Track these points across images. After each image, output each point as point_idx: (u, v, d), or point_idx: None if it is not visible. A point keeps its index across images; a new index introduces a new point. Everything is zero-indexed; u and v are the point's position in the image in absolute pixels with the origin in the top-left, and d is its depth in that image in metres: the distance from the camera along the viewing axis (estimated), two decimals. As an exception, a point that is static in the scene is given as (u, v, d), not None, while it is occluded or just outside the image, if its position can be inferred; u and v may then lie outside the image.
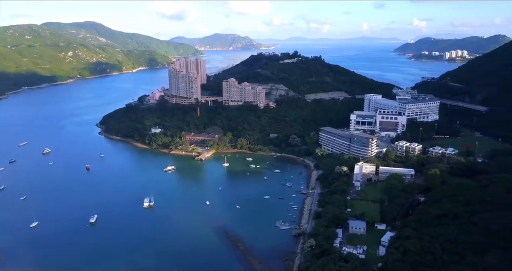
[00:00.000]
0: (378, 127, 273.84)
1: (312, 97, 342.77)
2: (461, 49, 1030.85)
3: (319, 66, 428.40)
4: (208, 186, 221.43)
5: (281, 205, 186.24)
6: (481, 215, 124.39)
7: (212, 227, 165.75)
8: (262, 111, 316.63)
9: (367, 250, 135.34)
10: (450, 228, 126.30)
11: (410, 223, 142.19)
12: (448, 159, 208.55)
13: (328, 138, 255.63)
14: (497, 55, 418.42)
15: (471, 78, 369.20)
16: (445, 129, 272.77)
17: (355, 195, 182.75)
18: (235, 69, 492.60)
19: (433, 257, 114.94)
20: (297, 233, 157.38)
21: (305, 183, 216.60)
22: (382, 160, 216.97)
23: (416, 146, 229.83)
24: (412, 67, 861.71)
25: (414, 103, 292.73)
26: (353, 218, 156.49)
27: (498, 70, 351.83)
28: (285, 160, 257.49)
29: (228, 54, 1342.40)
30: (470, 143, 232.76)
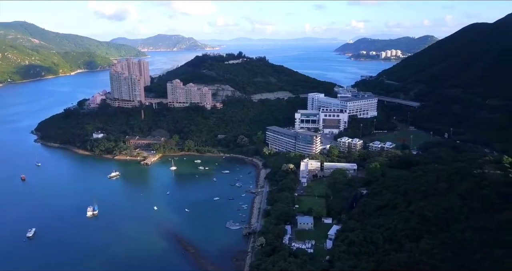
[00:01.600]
0: (321, 125, 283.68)
1: (258, 98, 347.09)
2: (396, 49, 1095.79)
3: (264, 66, 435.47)
4: (155, 190, 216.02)
5: (231, 206, 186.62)
6: (417, 203, 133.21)
7: (161, 233, 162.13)
8: (209, 112, 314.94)
9: (315, 244, 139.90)
10: (390, 217, 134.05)
11: (354, 215, 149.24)
12: (387, 152, 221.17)
13: (275, 137, 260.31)
14: (426, 54, 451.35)
15: (404, 76, 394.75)
16: (383, 125, 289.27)
17: (302, 191, 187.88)
18: (180, 70, 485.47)
19: (375, 247, 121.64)
20: (248, 232, 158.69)
21: (254, 182, 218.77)
22: (326, 156, 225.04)
23: (357, 141, 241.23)
24: (352, 67, 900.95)
25: (355, 101, 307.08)
26: (301, 214, 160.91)
27: (427, 68, 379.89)
28: (234, 160, 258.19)
29: (172, 55, 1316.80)
30: (405, 137, 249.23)
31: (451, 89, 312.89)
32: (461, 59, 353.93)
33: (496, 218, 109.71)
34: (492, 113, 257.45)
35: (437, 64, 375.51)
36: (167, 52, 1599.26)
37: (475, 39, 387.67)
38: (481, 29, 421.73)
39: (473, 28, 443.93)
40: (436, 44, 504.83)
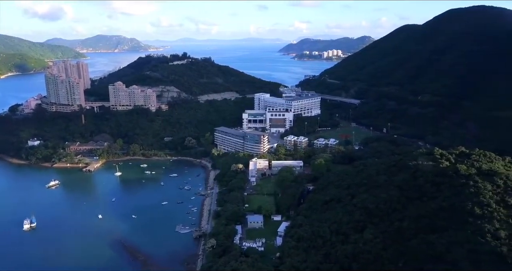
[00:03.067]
0: (268, 124, 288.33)
1: (205, 99, 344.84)
2: (336, 49, 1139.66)
3: (210, 67, 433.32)
4: (100, 198, 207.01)
5: (180, 209, 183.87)
6: (360, 196, 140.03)
7: (107, 242, 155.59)
8: (154, 115, 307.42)
9: (266, 242, 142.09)
10: (336, 211, 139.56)
11: (302, 211, 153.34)
12: (331, 149, 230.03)
13: (223, 137, 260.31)
14: (364, 54, 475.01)
15: (345, 75, 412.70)
16: (327, 122, 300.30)
17: (251, 190, 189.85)
18: (123, 72, 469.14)
19: (323, 240, 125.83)
20: (198, 235, 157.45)
21: (203, 184, 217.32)
22: (274, 155, 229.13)
23: (303, 139, 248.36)
24: (296, 66, 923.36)
25: (299, 100, 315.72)
26: (251, 213, 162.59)
27: (365, 67, 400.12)
28: (182, 163, 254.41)
29: (114, 57, 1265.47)
30: (348, 133, 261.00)
31: (387, 87, 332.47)
32: (396, 59, 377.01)
33: (430, 205, 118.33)
34: (424, 109, 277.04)
35: (374, 63, 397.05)
36: (108, 54, 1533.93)
37: (407, 39, 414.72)
38: (412, 30, 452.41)
39: (405, 29, 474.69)
40: (373, 44, 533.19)
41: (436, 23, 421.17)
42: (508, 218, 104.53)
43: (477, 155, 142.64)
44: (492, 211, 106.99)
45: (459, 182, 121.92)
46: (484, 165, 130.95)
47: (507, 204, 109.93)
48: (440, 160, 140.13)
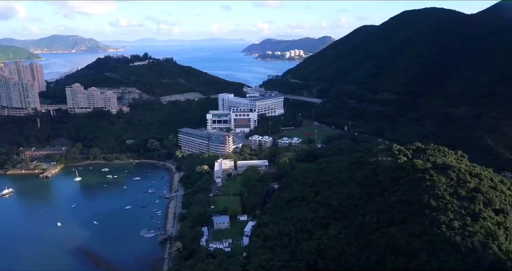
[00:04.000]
0: (233, 125, 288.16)
1: (168, 99, 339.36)
2: (298, 49, 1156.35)
3: (172, 67, 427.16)
4: (58, 205, 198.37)
5: (145, 213, 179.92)
6: (323, 193, 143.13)
7: (66, 250, 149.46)
8: (115, 117, 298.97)
9: (233, 243, 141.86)
10: (300, 209, 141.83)
11: (268, 210, 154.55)
12: (295, 147, 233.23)
13: (187, 138, 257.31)
14: (325, 53, 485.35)
15: (307, 74, 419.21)
16: (290, 122, 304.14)
17: (217, 191, 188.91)
18: (81, 74, 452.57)
19: (288, 238, 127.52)
20: (163, 238, 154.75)
21: (168, 187, 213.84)
22: (239, 155, 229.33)
23: (267, 138, 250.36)
24: (259, 66, 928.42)
25: (263, 100, 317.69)
26: (217, 214, 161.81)
27: (326, 67, 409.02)
28: (145, 166, 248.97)
29: (71, 58, 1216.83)
30: (311, 132, 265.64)
31: (347, 85, 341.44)
32: (355, 58, 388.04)
33: (390, 200, 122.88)
34: (383, 107, 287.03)
35: (334, 63, 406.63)
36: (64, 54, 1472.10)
37: (365, 39, 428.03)
38: (370, 30, 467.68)
39: (363, 29, 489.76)
40: (333, 45, 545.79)
41: (392, 23, 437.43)
42: (461, 209, 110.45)
43: (432, 150, 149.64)
44: (446, 202, 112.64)
45: (416, 176, 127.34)
46: (439, 159, 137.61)
47: (460, 195, 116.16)
48: (398, 156, 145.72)
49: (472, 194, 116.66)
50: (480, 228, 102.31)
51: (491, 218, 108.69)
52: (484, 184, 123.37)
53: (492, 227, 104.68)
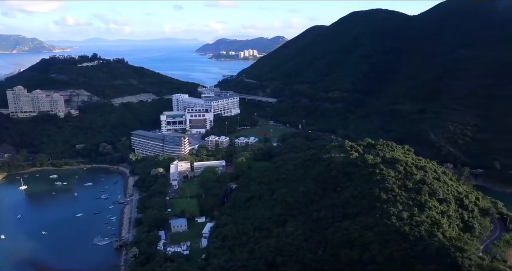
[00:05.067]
0: (188, 126, 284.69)
1: (120, 101, 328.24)
2: (252, 49, 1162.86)
3: (123, 68, 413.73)
4: (2, 216, 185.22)
5: (98, 220, 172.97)
6: (279, 191, 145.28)
7: (13, 264, 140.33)
8: (63, 121, 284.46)
9: (191, 245, 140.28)
10: (258, 207, 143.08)
11: (226, 210, 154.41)
12: (251, 146, 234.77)
13: (141, 141, 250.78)
14: (278, 53, 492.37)
15: (261, 74, 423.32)
16: (246, 121, 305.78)
17: (174, 194, 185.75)
18: (24, 76, 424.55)
19: (247, 237, 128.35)
20: (119, 245, 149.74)
21: (122, 192, 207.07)
22: (195, 156, 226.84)
23: (224, 139, 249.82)
24: (214, 67, 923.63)
25: (218, 100, 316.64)
26: (174, 217, 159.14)
27: (280, 66, 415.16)
28: (97, 171, 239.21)
29: (12, 59, 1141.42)
30: (266, 131, 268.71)
31: (300, 84, 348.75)
32: (307, 58, 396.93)
33: (343, 194, 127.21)
34: (334, 104, 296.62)
35: (287, 63, 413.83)
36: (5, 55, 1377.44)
37: (316, 39, 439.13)
38: (320, 30, 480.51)
39: (314, 29, 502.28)
40: (286, 44, 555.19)
41: (341, 24, 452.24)
42: (408, 200, 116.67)
43: (381, 145, 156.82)
44: (395, 195, 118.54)
45: (367, 171, 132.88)
46: (388, 154, 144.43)
47: (407, 187, 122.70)
48: (350, 152, 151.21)
49: (418, 186, 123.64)
50: (426, 217, 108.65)
51: (435, 207, 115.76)
52: (429, 176, 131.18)
53: (437, 215, 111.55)
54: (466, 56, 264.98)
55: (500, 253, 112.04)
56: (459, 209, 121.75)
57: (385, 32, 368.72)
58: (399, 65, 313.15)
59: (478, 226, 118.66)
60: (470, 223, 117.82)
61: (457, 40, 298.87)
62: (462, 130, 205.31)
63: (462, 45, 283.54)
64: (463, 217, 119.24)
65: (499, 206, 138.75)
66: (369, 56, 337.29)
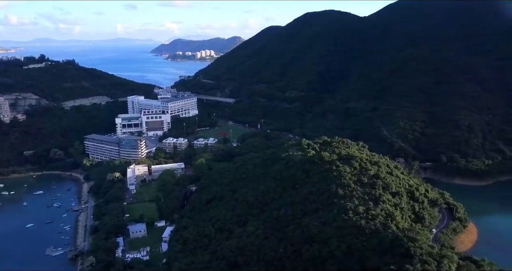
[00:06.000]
0: (145, 128, 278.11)
1: (71, 105, 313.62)
2: (209, 49, 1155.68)
3: (74, 70, 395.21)
4: None
5: (50, 230, 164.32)
6: (240, 191, 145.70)
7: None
8: (8, 126, 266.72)
9: (151, 250, 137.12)
10: (219, 208, 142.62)
11: (186, 213, 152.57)
12: (211, 147, 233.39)
13: (95, 145, 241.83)
14: (235, 54, 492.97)
15: (219, 74, 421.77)
16: (205, 122, 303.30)
17: (131, 199, 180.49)
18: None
19: (208, 239, 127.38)
20: (74, 254, 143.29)
21: (76, 199, 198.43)
22: (153, 159, 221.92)
23: (182, 140, 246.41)
24: (170, 67, 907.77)
25: (175, 101, 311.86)
26: (133, 223, 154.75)
27: (237, 67, 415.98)
28: (48, 178, 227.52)
29: None
30: (226, 131, 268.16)
31: (258, 85, 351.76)
32: (263, 58, 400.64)
33: (302, 192, 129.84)
34: (291, 104, 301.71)
35: (245, 63, 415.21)
36: None
37: (272, 39, 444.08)
38: (276, 31, 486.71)
39: (270, 30, 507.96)
40: (243, 45, 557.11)
41: (296, 24, 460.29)
42: (364, 195, 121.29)
43: (337, 142, 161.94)
44: (351, 190, 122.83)
45: (324, 168, 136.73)
46: (343, 151, 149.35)
47: (363, 182, 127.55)
48: (307, 150, 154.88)
49: (372, 181, 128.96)
50: (381, 211, 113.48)
51: (389, 200, 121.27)
52: (382, 171, 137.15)
53: (391, 208, 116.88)
54: (413, 56, 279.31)
55: (448, 240, 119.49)
56: (411, 201, 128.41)
57: (339, 33, 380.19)
58: (353, 65, 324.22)
59: (428, 216, 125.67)
60: (421, 214, 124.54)
61: (405, 40, 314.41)
62: (412, 126, 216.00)
63: (410, 45, 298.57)
64: (414, 208, 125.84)
65: (446, 196, 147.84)
66: (324, 56, 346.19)
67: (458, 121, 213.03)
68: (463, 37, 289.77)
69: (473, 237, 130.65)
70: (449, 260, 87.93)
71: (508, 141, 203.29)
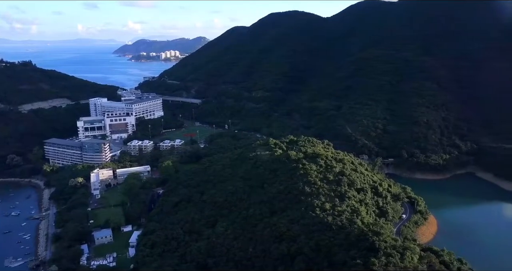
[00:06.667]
0: (108, 131, 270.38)
1: (29, 108, 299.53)
2: (174, 50, 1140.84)
3: (31, 72, 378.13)
4: None
5: (9, 240, 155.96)
6: (208, 192, 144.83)
7: None
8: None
9: (118, 256, 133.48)
10: (187, 211, 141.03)
11: (154, 217, 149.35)
12: (178, 149, 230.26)
13: (56, 150, 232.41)
14: (200, 54, 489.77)
15: (184, 75, 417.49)
16: (171, 123, 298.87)
17: (96, 204, 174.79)
18: None
19: (177, 242, 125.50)
20: (35, 264, 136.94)
21: (36, 206, 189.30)
22: (118, 163, 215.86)
23: (148, 143, 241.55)
24: (134, 68, 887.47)
25: (140, 102, 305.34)
26: (98, 229, 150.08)
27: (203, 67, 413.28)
28: (5, 186, 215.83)
29: None
30: (192, 132, 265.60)
31: (225, 85, 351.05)
32: (229, 58, 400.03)
33: (270, 191, 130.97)
34: (258, 104, 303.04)
35: (210, 63, 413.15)
36: None
37: (238, 40, 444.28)
38: (241, 31, 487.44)
39: (235, 30, 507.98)
40: (208, 45, 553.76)
41: (260, 25, 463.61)
42: (330, 192, 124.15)
43: (303, 141, 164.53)
44: (318, 187, 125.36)
45: (291, 166, 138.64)
46: (309, 149, 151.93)
47: (329, 180, 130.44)
48: (274, 149, 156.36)
49: (338, 178, 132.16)
50: (347, 207, 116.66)
51: (354, 196, 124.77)
52: (347, 168, 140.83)
53: (356, 204, 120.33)
54: (375, 55, 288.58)
55: (410, 233, 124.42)
56: (375, 196, 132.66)
57: (303, 33, 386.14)
58: (317, 65, 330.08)
59: (391, 211, 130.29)
60: (384, 209, 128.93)
61: (367, 40, 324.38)
62: (374, 124, 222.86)
63: (371, 45, 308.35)
64: (378, 203, 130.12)
65: (408, 190, 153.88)
66: (289, 56, 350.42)
67: (417, 118, 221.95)
68: (421, 38, 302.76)
69: (433, 228, 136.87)
70: (412, 252, 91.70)
71: (462, 136, 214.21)
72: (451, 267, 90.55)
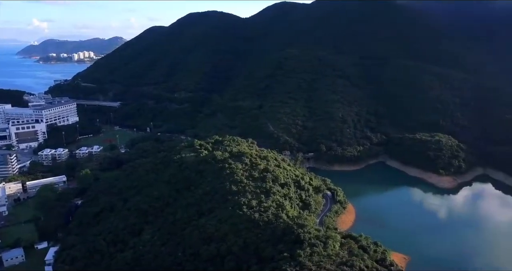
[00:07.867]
0: (15, 140, 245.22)
1: None
2: (88, 50, 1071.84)
3: None
4: None
5: None
6: (132, 199, 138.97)
7: None
8: None
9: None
10: (109, 220, 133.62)
11: (73, 230, 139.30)
12: (96, 156, 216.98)
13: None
14: (117, 55, 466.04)
15: (100, 77, 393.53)
16: (88, 129, 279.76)
17: (3, 222, 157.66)
18: None
19: (100, 254, 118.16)
20: None
21: None
22: (28, 175, 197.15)
23: (62, 151, 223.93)
24: (42, 71, 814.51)
25: (51, 108, 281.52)
26: (7, 249, 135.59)
27: (120, 68, 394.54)
28: None
29: None
30: (112, 137, 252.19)
31: (145, 86, 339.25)
32: (149, 59, 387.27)
33: (197, 193, 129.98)
34: (181, 105, 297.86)
35: (129, 64, 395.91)
36: None
37: (157, 40, 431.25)
38: (160, 31, 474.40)
39: (154, 30, 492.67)
40: (125, 45, 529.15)
41: (179, 25, 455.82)
42: (256, 189, 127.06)
43: (228, 141, 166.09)
44: (244, 185, 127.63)
45: (218, 167, 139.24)
46: (234, 148, 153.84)
47: (254, 177, 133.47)
48: (200, 150, 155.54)
49: (263, 174, 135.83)
50: (272, 202, 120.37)
51: (279, 192, 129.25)
52: (271, 164, 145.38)
53: (280, 199, 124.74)
54: (292, 55, 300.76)
55: (332, 222, 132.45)
56: (298, 190, 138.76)
57: (223, 33, 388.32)
58: (238, 64, 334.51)
59: (314, 203, 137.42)
60: (307, 201, 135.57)
61: (284, 40, 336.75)
62: (294, 121, 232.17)
63: (288, 44, 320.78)
64: (301, 196, 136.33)
65: (327, 182, 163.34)
66: (210, 56, 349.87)
67: (333, 114, 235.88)
68: (332, 38, 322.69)
69: (352, 216, 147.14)
70: (333, 240, 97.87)
71: (372, 129, 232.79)
72: (368, 250, 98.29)
